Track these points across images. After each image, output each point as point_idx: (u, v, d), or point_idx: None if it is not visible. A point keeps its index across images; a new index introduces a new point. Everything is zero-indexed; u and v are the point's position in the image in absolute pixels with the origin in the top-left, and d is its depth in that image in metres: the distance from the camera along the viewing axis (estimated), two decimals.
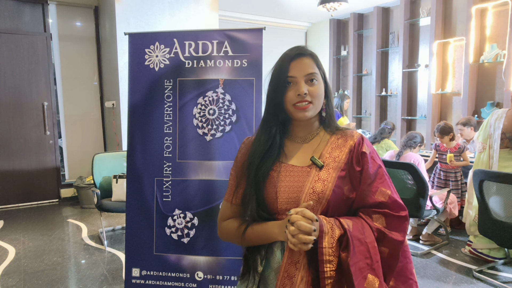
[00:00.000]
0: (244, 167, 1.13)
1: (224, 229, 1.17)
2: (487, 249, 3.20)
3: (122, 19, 4.64)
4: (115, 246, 3.67)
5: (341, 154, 1.08)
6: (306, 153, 1.10)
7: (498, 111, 3.15)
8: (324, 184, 1.03)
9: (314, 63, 1.08)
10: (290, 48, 1.10)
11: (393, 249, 1.02)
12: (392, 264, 1.03)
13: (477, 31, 4.84)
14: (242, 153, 1.17)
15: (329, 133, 1.13)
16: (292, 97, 1.05)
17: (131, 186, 2.34)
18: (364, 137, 1.12)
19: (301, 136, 1.13)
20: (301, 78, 1.05)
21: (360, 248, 0.97)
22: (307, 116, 1.06)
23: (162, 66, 2.32)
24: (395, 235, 1.02)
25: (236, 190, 1.14)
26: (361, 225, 1.01)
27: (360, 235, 0.98)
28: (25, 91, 5.05)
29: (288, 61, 1.06)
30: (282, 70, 1.06)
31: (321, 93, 1.08)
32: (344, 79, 7.18)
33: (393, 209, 1.03)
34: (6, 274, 3.10)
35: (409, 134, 3.76)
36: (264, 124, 1.12)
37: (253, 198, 1.07)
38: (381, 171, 1.07)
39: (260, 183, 1.07)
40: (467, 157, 3.86)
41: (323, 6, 4.97)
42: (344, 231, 0.97)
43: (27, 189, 5.15)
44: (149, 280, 2.33)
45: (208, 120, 2.28)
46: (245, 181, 1.11)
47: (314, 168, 1.06)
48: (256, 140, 1.14)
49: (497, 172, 2.82)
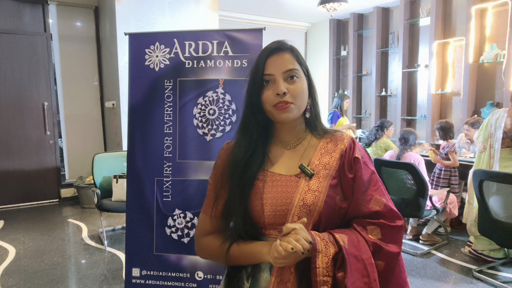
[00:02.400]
0: (225, 176, 1.01)
1: (204, 246, 1.04)
2: (487, 250, 3.20)
3: (122, 19, 4.65)
4: (115, 246, 3.67)
5: (332, 160, 0.99)
6: (293, 159, 1.00)
7: (499, 111, 3.15)
8: (315, 195, 0.94)
9: (294, 58, 0.97)
10: (269, 43, 1.00)
11: (389, 262, 0.95)
12: (388, 278, 0.96)
13: (477, 31, 4.84)
14: (222, 160, 1.05)
15: (316, 137, 1.03)
16: (271, 97, 0.94)
17: (131, 186, 2.35)
18: (355, 140, 1.03)
19: (286, 141, 1.02)
20: (280, 75, 0.94)
21: (356, 266, 0.89)
22: (289, 118, 0.95)
23: (162, 66, 2.32)
24: (392, 247, 0.95)
25: (215, 201, 1.02)
26: (356, 240, 0.93)
27: (356, 252, 0.90)
28: (25, 91, 5.05)
29: (264, 57, 0.96)
30: (258, 68, 0.96)
31: (303, 91, 0.96)
32: (344, 79, 7.19)
33: (388, 219, 0.96)
34: (6, 274, 3.10)
35: (405, 135, 3.71)
36: (244, 127, 1.01)
37: (237, 211, 0.96)
38: (374, 177, 0.99)
39: (245, 194, 0.96)
40: (455, 157, 3.84)
41: (323, 6, 4.97)
42: (339, 248, 0.89)
43: (27, 189, 5.16)
44: (149, 280, 2.33)
45: (208, 120, 2.28)
46: (226, 192, 1.00)
47: (303, 177, 0.96)
48: (236, 145, 1.02)
49: (497, 172, 2.82)
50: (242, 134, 1.01)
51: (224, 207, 1.01)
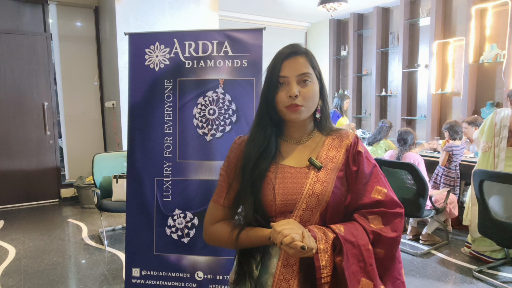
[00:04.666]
0: (238, 168, 1.08)
1: (213, 233, 1.11)
2: (489, 251, 3.19)
3: (122, 19, 4.65)
4: (115, 246, 3.67)
5: (338, 154, 1.06)
6: (302, 154, 1.07)
7: (503, 110, 3.13)
8: (323, 186, 1.01)
9: (308, 62, 1.03)
10: (285, 46, 1.06)
11: (388, 250, 1.01)
12: (388, 265, 1.02)
13: (477, 31, 4.84)
14: (234, 153, 1.12)
15: (324, 135, 1.11)
16: (284, 98, 1.01)
17: (131, 186, 2.35)
18: (358, 137, 1.11)
19: (296, 137, 1.10)
20: (293, 78, 1.01)
21: (352, 251, 0.95)
22: (299, 118, 1.03)
23: (162, 66, 2.32)
24: (391, 233, 1.00)
25: (227, 191, 1.09)
26: (354, 227, 0.99)
27: (352, 238, 0.96)
28: (25, 91, 5.05)
29: (281, 60, 1.02)
30: (274, 69, 1.02)
31: (314, 95, 1.04)
32: (344, 79, 7.19)
33: (389, 207, 1.02)
34: (6, 274, 3.10)
35: (403, 136, 3.70)
36: (259, 124, 1.08)
37: (248, 201, 1.03)
38: (376, 170, 1.06)
39: (257, 185, 1.03)
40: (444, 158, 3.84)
41: (323, 6, 4.97)
42: (336, 235, 0.96)
43: (27, 189, 5.16)
44: (149, 280, 2.33)
45: (208, 120, 2.28)
46: (238, 183, 1.07)
47: (312, 169, 1.04)
48: (250, 140, 1.09)
49: (497, 172, 2.82)
50: (257, 129, 1.08)
51: (235, 197, 1.08)
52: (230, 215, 1.10)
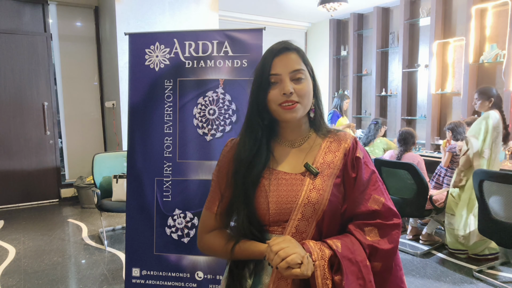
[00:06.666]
0: (229, 174, 1.02)
1: (207, 243, 1.05)
2: (486, 249, 3.20)
3: (122, 19, 4.65)
4: (115, 246, 3.67)
5: (336, 159, 1.00)
6: (298, 158, 1.01)
7: (495, 115, 3.14)
8: (319, 194, 0.95)
9: (300, 58, 0.98)
10: (275, 43, 1.00)
11: (386, 262, 0.97)
12: (386, 277, 0.98)
13: (477, 31, 4.84)
14: (226, 157, 1.06)
15: (320, 136, 1.04)
16: (277, 97, 0.95)
17: (131, 186, 2.35)
18: (357, 140, 1.05)
19: (290, 140, 1.03)
20: (286, 75, 0.95)
21: (351, 268, 0.91)
22: (295, 117, 0.97)
23: (162, 66, 2.32)
24: (388, 245, 0.96)
25: (220, 199, 1.04)
26: (350, 242, 0.95)
27: (351, 255, 0.92)
28: (25, 91, 5.05)
29: (271, 57, 0.97)
30: (265, 67, 0.97)
31: (309, 92, 0.98)
32: (344, 79, 7.19)
33: (386, 218, 0.98)
34: (6, 274, 3.10)
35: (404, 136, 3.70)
36: (248, 126, 1.01)
37: (242, 211, 0.98)
38: (374, 177, 1.01)
39: (250, 192, 0.97)
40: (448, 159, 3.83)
41: (323, 6, 4.97)
42: (334, 252, 0.91)
43: (27, 189, 5.16)
44: (149, 280, 2.33)
45: (208, 120, 2.28)
46: (230, 190, 1.01)
47: (308, 175, 0.98)
48: (241, 144, 1.02)
49: (497, 172, 2.82)
50: (247, 133, 1.02)
51: (229, 205, 1.03)
52: (223, 223, 1.05)
